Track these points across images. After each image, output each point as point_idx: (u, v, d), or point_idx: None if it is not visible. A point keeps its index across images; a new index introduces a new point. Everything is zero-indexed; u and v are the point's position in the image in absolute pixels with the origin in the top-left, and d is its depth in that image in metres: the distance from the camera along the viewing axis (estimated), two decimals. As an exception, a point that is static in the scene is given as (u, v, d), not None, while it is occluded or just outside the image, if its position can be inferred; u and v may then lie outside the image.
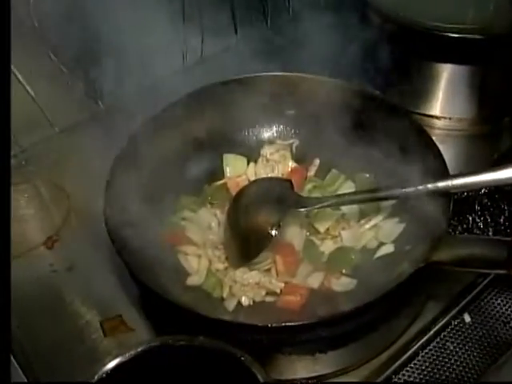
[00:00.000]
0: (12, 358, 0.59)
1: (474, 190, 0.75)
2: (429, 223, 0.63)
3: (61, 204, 0.80)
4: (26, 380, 0.61)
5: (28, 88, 0.87)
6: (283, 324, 0.53)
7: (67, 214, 0.79)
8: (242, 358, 0.51)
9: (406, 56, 0.92)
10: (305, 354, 0.58)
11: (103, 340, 0.66)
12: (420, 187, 0.64)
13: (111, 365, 0.53)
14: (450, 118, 0.93)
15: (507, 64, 0.79)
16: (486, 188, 0.75)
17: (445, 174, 0.65)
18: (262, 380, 0.50)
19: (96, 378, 0.52)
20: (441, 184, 0.63)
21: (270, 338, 0.55)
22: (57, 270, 0.73)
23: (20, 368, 0.61)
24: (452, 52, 0.88)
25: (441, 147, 0.69)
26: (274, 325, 0.52)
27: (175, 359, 0.54)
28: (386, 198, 0.67)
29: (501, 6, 0.77)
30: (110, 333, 0.66)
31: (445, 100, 0.93)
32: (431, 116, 0.94)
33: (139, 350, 0.54)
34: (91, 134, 0.85)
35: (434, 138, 0.71)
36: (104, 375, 0.53)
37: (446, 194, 0.64)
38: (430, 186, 0.63)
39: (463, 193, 0.76)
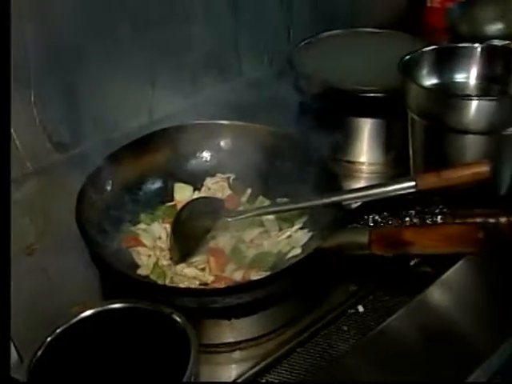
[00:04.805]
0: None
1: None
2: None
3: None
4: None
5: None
6: (201, 287, 0.71)
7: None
8: (175, 317, 0.63)
9: (334, 113, 1.14)
10: (222, 318, 0.76)
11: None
12: (318, 201, 0.85)
13: (55, 334, 0.62)
14: (372, 164, 1.12)
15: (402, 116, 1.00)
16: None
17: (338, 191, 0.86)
18: (192, 337, 0.61)
19: (38, 353, 0.61)
20: (334, 198, 0.84)
21: (191, 301, 0.73)
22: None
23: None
24: (366, 108, 1.08)
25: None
26: (193, 287, 0.71)
27: (118, 322, 0.65)
28: (290, 210, 0.88)
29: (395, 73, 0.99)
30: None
31: (367, 148, 1.13)
32: (358, 162, 1.12)
33: (83, 316, 0.64)
34: (61, 174, 1.05)
35: (362, 180, 0.91)
36: (48, 345, 0.62)
37: (339, 205, 0.84)
38: (325, 200, 0.85)
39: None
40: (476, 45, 1.00)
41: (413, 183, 0.81)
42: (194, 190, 0.99)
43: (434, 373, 0.73)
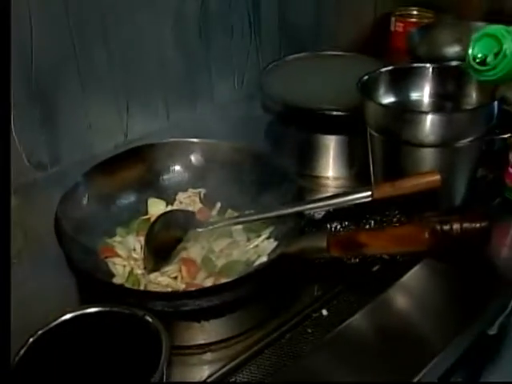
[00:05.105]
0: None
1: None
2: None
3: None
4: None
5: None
6: (170, 290, 0.77)
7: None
8: (147, 318, 0.67)
9: (299, 131, 1.20)
10: (193, 320, 0.81)
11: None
12: (282, 211, 0.91)
13: (36, 335, 0.67)
14: (337, 178, 1.18)
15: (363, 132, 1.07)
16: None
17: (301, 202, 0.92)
18: (164, 337, 0.65)
19: (21, 353, 0.65)
20: (297, 208, 0.90)
21: (164, 304, 0.78)
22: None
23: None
24: (330, 126, 1.15)
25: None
26: (164, 291, 0.76)
27: (95, 325, 0.69)
28: (256, 220, 0.94)
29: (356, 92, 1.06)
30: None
31: (331, 164, 1.19)
32: (324, 177, 1.18)
33: (59, 320, 0.68)
34: (39, 192, 1.09)
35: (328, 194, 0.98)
36: (30, 345, 0.66)
37: (301, 214, 0.90)
38: (289, 210, 0.91)
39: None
40: (428, 65, 1.07)
41: (369, 193, 0.88)
42: (167, 204, 1.04)
43: (389, 370, 0.78)
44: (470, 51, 0.50)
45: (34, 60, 1.07)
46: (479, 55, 0.50)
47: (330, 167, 1.18)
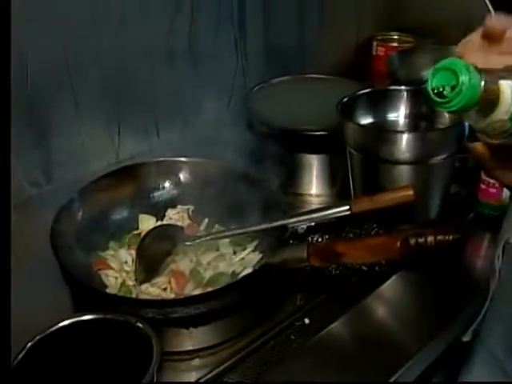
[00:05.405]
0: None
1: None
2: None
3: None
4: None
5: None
6: (159, 298, 0.82)
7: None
8: (139, 324, 0.72)
9: (283, 150, 1.25)
10: (182, 327, 0.86)
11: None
12: (265, 225, 0.96)
13: (34, 340, 0.71)
14: (319, 195, 1.24)
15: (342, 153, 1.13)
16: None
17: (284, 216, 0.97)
18: (154, 342, 0.69)
19: (19, 356, 0.69)
20: (280, 222, 0.96)
21: (154, 312, 0.83)
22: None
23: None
24: (312, 145, 1.21)
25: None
26: (155, 299, 0.82)
27: (89, 331, 0.73)
28: (241, 233, 0.99)
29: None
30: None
31: (314, 181, 1.24)
32: (307, 194, 1.24)
33: (57, 327, 0.72)
34: (35, 209, 1.12)
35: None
36: (29, 349, 0.70)
37: (284, 228, 0.96)
38: (273, 223, 0.96)
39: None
40: (403, 87, 1.14)
41: (347, 207, 0.93)
42: (157, 219, 1.09)
43: (367, 372, 0.84)
44: (428, 82, 0.55)
45: (30, 84, 1.12)
46: (437, 87, 0.55)
47: (313, 185, 1.24)
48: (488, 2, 1.63)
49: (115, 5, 1.20)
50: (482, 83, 0.53)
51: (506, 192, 1.08)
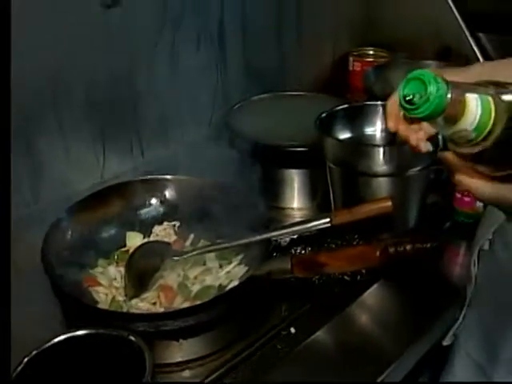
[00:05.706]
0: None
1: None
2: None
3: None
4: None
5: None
6: (150, 312, 0.86)
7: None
8: (131, 338, 0.74)
9: (264, 166, 1.29)
10: (172, 339, 0.89)
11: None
12: (250, 238, 1.00)
13: (31, 355, 0.72)
14: (301, 209, 1.27)
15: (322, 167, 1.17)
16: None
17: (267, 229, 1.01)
18: (147, 355, 0.71)
19: (18, 369, 0.70)
20: (263, 235, 0.99)
21: (145, 325, 0.86)
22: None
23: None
24: (292, 161, 1.24)
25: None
26: (145, 312, 0.85)
27: (83, 346, 0.75)
28: (227, 248, 1.03)
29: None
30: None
31: (296, 195, 1.27)
32: (289, 208, 1.27)
33: (52, 342, 0.74)
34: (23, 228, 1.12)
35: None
36: (26, 363, 0.71)
37: (268, 241, 1.00)
38: (257, 237, 1.00)
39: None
40: (379, 103, 1.18)
41: (328, 219, 0.97)
42: (144, 236, 1.12)
43: (351, 377, 0.87)
44: (400, 90, 0.60)
45: (17, 106, 1.14)
46: (408, 94, 0.59)
47: (295, 199, 1.27)
48: (458, 17, 1.69)
49: (99, 28, 1.23)
50: (449, 94, 0.58)
51: (479, 200, 1.12)
